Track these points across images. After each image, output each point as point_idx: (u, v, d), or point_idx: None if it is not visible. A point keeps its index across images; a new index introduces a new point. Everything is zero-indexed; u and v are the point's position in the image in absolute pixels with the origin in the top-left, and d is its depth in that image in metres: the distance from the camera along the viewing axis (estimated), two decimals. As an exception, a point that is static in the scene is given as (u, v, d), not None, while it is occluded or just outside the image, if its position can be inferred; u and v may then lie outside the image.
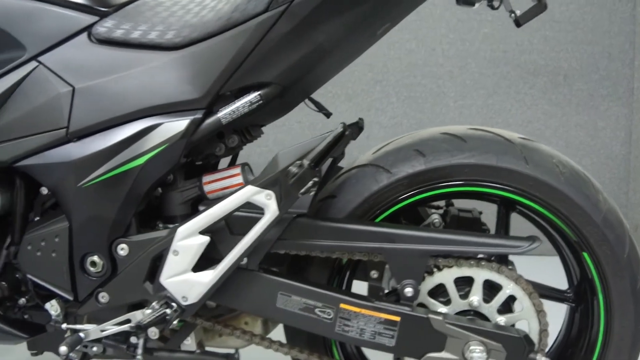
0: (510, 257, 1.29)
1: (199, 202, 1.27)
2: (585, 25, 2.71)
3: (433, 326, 1.16)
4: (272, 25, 1.14)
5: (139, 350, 1.18)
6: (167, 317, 1.17)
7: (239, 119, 1.21)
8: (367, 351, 1.42)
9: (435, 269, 1.22)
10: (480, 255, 1.23)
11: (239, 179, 1.27)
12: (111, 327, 1.22)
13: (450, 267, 1.21)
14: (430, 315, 1.16)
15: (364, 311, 1.18)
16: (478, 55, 2.82)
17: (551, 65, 2.73)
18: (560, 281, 1.39)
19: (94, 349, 1.28)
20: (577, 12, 2.70)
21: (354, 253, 1.22)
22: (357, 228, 1.19)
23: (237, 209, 1.15)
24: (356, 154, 1.40)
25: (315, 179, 1.09)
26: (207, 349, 1.35)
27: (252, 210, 1.18)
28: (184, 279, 1.19)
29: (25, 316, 1.35)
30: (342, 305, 1.19)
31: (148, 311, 1.20)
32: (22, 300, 1.32)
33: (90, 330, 1.23)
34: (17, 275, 1.31)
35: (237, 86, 1.19)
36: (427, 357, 1.18)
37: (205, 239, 1.17)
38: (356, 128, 1.42)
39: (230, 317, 1.36)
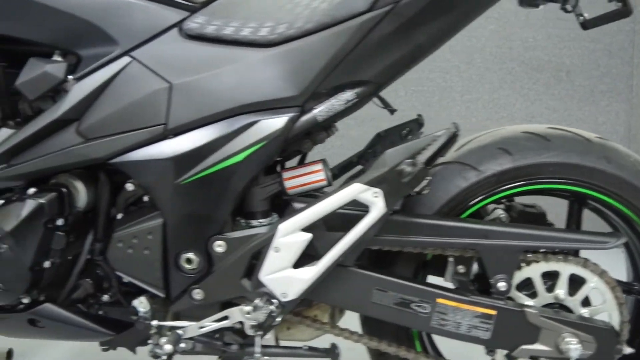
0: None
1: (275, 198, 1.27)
2: (585, 23, 2.81)
3: (527, 319, 1.21)
4: (376, 25, 1.15)
5: (257, 349, 1.18)
6: (273, 314, 1.18)
7: (332, 117, 1.22)
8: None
9: (523, 264, 1.27)
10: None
11: (321, 175, 1.28)
12: (210, 324, 1.22)
13: (538, 261, 1.26)
14: (525, 309, 1.21)
15: (461, 305, 1.22)
16: (484, 51, 2.89)
17: (554, 62, 2.83)
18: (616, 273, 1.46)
19: (182, 345, 1.27)
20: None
21: (447, 249, 1.25)
22: (452, 224, 1.22)
23: (342, 207, 1.17)
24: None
25: (429, 178, 1.11)
26: (283, 343, 1.36)
27: (353, 208, 1.19)
28: (285, 276, 1.19)
29: (100, 312, 1.33)
30: (438, 300, 1.22)
31: (248, 308, 1.20)
32: (105, 297, 1.30)
33: (189, 327, 1.22)
34: (99, 272, 1.29)
35: (334, 84, 1.20)
36: (520, 349, 1.22)
37: (308, 235, 1.18)
38: (416, 124, 1.45)
39: (303, 309, 1.37)
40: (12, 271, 1.18)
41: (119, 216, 1.28)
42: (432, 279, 1.37)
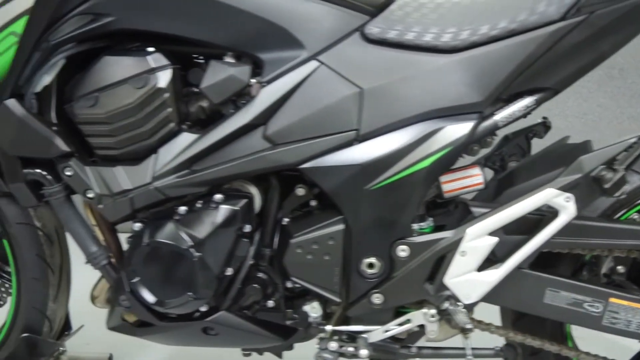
0: None
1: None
2: None
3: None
4: (566, 34, 1.17)
5: (468, 350, 1.20)
6: (454, 317, 1.19)
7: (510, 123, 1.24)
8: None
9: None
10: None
11: (480, 179, 1.30)
12: (395, 328, 1.23)
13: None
14: (696, 306, 1.25)
15: (633, 304, 1.25)
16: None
17: (608, 59, 2.86)
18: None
19: (350, 349, 1.28)
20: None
21: (614, 250, 1.28)
22: (622, 227, 1.24)
23: (532, 212, 1.19)
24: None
25: (627, 184, 1.14)
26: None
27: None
28: (469, 279, 1.21)
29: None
30: (611, 300, 1.25)
31: (432, 311, 1.22)
32: (270, 303, 1.29)
33: (374, 332, 1.23)
34: (264, 277, 1.29)
35: (516, 90, 1.21)
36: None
37: (494, 239, 1.19)
38: (542, 127, 1.47)
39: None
40: (203, 279, 1.17)
41: (285, 221, 1.29)
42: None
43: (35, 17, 1.15)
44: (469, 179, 1.30)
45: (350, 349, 1.27)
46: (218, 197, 1.19)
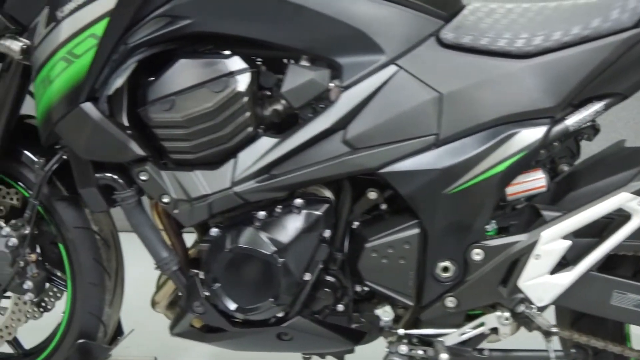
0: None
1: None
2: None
3: None
4: (639, 41, 1.19)
5: (551, 353, 1.21)
6: (535, 320, 1.21)
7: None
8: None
9: None
10: None
11: (542, 182, 1.31)
12: (470, 331, 1.24)
13: None
14: None
15: (700, 305, 1.27)
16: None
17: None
18: None
19: (419, 352, 1.29)
20: None
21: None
22: None
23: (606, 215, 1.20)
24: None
25: None
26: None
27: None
28: (542, 282, 1.22)
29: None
30: (679, 301, 1.28)
31: (506, 314, 1.23)
32: (340, 307, 1.29)
33: (450, 335, 1.24)
34: (334, 281, 1.29)
35: (586, 96, 1.23)
36: None
37: (568, 243, 1.21)
38: (592, 130, 1.49)
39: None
40: (285, 285, 1.17)
41: (354, 225, 1.29)
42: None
43: (115, 19, 1.14)
44: (532, 182, 1.31)
45: (420, 352, 1.28)
46: (299, 202, 1.19)
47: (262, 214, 1.20)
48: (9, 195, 1.50)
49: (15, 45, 1.26)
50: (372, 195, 1.26)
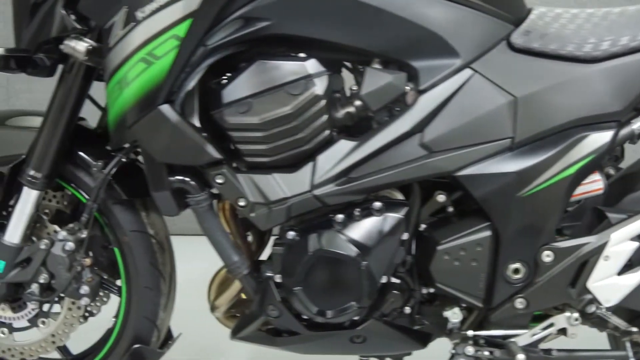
0: None
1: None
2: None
3: None
4: None
5: (630, 353, 1.23)
6: (610, 320, 1.23)
7: None
8: None
9: None
10: None
11: (600, 184, 1.33)
12: (540, 332, 1.25)
13: None
14: None
15: None
16: None
17: None
18: None
19: (485, 353, 1.30)
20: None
21: None
22: None
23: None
24: None
25: None
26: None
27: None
28: (610, 283, 1.24)
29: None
30: None
31: (575, 315, 1.25)
32: (407, 309, 1.30)
33: (522, 336, 1.25)
34: (402, 284, 1.29)
35: None
36: None
37: (636, 244, 1.23)
38: None
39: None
40: (368, 288, 1.17)
41: (422, 227, 1.29)
42: None
43: (198, 20, 1.13)
44: (590, 185, 1.32)
45: (486, 353, 1.30)
46: (378, 204, 1.20)
47: (340, 217, 1.20)
48: (55, 198, 1.48)
49: (80, 46, 1.24)
50: (441, 198, 1.27)
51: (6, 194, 1.40)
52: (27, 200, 1.37)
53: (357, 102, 1.19)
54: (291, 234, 1.21)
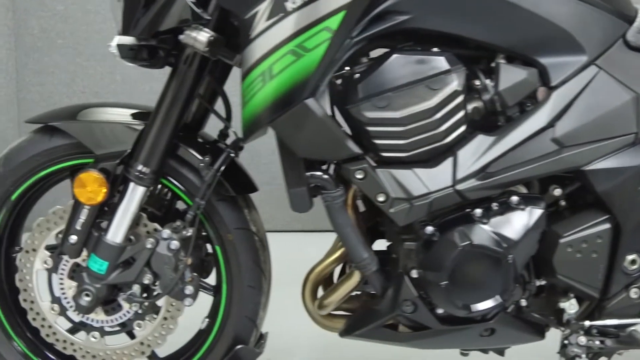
0: None
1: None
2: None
3: None
4: None
5: None
6: None
7: None
8: None
9: None
10: None
11: None
12: (656, 320, 1.30)
13: None
14: None
15: None
16: None
17: None
18: None
19: (596, 342, 1.34)
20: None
21: None
22: None
23: None
24: None
25: None
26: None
27: None
28: None
29: None
30: None
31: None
32: (523, 302, 1.32)
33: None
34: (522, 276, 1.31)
35: None
36: None
37: None
38: None
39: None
40: (512, 282, 1.19)
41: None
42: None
43: (351, 12, 1.12)
44: None
45: (597, 342, 1.33)
46: (516, 199, 1.21)
47: (479, 211, 1.21)
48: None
49: (202, 37, 1.21)
50: (557, 192, 1.29)
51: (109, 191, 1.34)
52: (133, 197, 1.32)
53: (494, 98, 1.21)
54: (429, 229, 1.21)
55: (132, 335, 1.47)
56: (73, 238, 1.33)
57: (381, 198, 1.20)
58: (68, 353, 1.46)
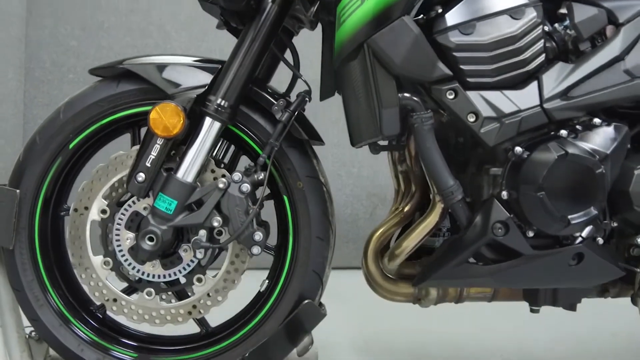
0: None
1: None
2: None
3: None
4: None
5: None
6: None
7: None
8: None
9: None
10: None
11: None
12: None
13: None
14: None
15: None
16: None
17: None
18: None
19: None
20: None
21: None
22: None
23: None
24: None
25: None
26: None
27: None
28: None
29: None
30: None
31: None
32: (600, 240, 1.29)
33: None
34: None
35: None
36: None
37: None
38: None
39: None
40: (602, 194, 1.22)
41: None
42: None
43: None
44: None
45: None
46: (598, 120, 1.25)
47: (564, 132, 1.24)
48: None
49: None
50: None
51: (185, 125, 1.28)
52: (209, 133, 1.28)
53: (569, 32, 1.28)
54: (519, 150, 1.22)
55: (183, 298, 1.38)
56: (141, 176, 1.28)
57: (472, 118, 1.21)
58: (116, 315, 1.36)
